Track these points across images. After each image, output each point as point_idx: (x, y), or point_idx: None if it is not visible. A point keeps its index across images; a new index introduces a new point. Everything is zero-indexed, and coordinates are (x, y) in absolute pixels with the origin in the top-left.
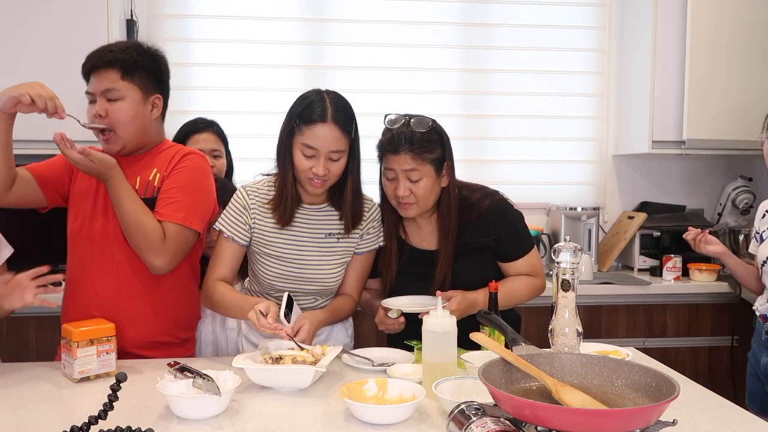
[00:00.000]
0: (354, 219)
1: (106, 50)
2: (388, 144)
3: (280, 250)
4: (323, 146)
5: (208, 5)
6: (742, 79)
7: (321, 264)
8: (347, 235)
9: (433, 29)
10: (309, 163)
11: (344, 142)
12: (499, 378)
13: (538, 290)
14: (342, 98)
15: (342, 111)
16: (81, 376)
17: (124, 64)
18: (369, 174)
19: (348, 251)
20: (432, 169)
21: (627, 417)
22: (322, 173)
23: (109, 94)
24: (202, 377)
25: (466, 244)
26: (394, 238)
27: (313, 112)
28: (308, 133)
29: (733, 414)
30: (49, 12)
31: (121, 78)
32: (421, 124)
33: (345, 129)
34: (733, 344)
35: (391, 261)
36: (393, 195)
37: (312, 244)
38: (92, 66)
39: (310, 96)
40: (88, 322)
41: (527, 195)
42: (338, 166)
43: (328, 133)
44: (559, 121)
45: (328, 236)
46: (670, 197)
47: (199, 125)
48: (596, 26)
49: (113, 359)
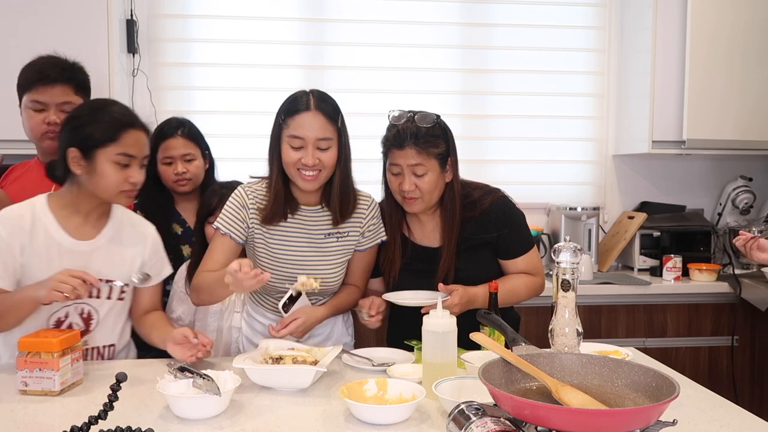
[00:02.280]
0: (342, 211)
1: None
2: (394, 139)
3: (279, 251)
4: (309, 134)
5: (208, 5)
6: (742, 79)
7: (321, 264)
8: (346, 234)
9: (433, 29)
10: (297, 154)
11: (331, 130)
12: (499, 378)
13: (537, 289)
14: (326, 94)
15: (326, 101)
16: (62, 387)
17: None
18: (371, 174)
19: (348, 250)
20: (437, 163)
21: (627, 417)
22: (312, 162)
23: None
24: (202, 377)
25: (468, 240)
26: (398, 235)
27: (297, 104)
28: (293, 124)
29: (733, 414)
30: (49, 12)
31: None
32: (425, 120)
33: (330, 116)
34: (733, 344)
35: (395, 258)
36: (398, 190)
37: (311, 245)
38: None
39: (295, 94)
40: (46, 332)
41: (527, 195)
42: (329, 156)
43: (313, 120)
44: (559, 121)
45: (327, 237)
46: (670, 197)
47: (165, 132)
48: (596, 26)
49: (81, 366)
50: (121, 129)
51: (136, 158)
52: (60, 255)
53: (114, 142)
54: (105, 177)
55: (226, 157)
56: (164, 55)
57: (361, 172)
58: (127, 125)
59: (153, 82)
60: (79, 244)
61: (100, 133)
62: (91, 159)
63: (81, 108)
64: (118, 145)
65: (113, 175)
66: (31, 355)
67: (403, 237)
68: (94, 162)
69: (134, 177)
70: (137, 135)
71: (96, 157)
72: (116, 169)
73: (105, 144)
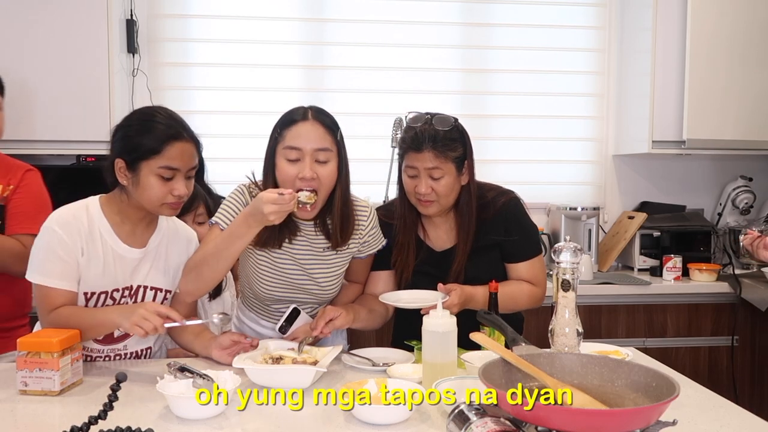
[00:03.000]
0: (342, 232)
1: None
2: (411, 142)
3: (278, 264)
4: (307, 144)
5: (208, 5)
6: (742, 79)
7: (322, 275)
8: (346, 246)
9: (433, 29)
10: (294, 169)
11: (329, 141)
12: (499, 378)
13: (537, 300)
14: (324, 110)
15: (324, 114)
16: (62, 387)
17: None
18: (371, 174)
19: (347, 260)
20: (453, 167)
21: (627, 417)
22: (309, 175)
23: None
24: (202, 377)
25: (478, 241)
26: (413, 237)
27: (293, 115)
28: (289, 135)
29: (733, 414)
30: (49, 12)
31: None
32: (443, 123)
33: (329, 127)
34: (733, 344)
35: (409, 258)
36: (413, 192)
37: (311, 258)
38: None
39: (292, 109)
40: (46, 332)
41: (527, 195)
42: (328, 170)
43: (310, 130)
44: (559, 121)
45: (326, 249)
46: (670, 197)
47: None
48: (596, 26)
49: (81, 366)
50: (165, 141)
51: (180, 171)
52: (114, 261)
53: (158, 154)
54: (148, 189)
55: (226, 157)
56: (164, 55)
57: (361, 172)
58: (171, 137)
59: (153, 82)
60: (132, 252)
61: (145, 145)
62: (136, 171)
63: (130, 117)
64: (161, 158)
65: (156, 187)
66: (31, 355)
67: (418, 239)
68: (138, 174)
69: (178, 189)
70: (182, 147)
71: (140, 169)
72: (160, 181)
73: (148, 157)
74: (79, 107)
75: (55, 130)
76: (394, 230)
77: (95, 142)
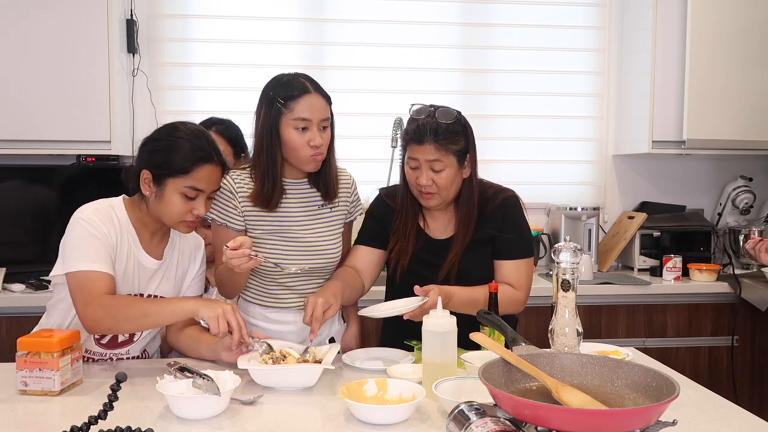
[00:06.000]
0: (333, 187)
1: None
2: (413, 134)
3: (278, 227)
4: (315, 115)
5: (208, 5)
6: (742, 79)
7: (322, 233)
8: (336, 203)
9: (433, 29)
10: (305, 137)
11: (328, 111)
12: (499, 378)
13: (516, 304)
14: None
15: (318, 84)
16: (62, 387)
17: None
18: (371, 174)
19: (341, 220)
20: (455, 160)
21: (627, 417)
22: (320, 142)
23: None
24: (202, 377)
25: (475, 233)
26: (414, 226)
27: (295, 88)
28: (298, 107)
29: (733, 414)
30: (49, 12)
31: None
32: (446, 116)
33: (327, 99)
34: (733, 344)
35: (408, 248)
36: (415, 184)
37: (308, 217)
38: None
39: (283, 77)
40: (46, 332)
41: (527, 195)
42: (327, 136)
43: (316, 101)
44: (559, 121)
45: (321, 207)
46: (670, 197)
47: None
48: (596, 26)
49: (81, 366)
50: (195, 163)
51: (204, 192)
52: (135, 267)
53: (186, 174)
54: (171, 205)
55: None
56: (164, 55)
57: (361, 172)
58: (202, 159)
59: (153, 82)
60: (150, 261)
61: (175, 163)
62: (162, 185)
63: (161, 131)
64: (189, 178)
65: (179, 205)
66: (30, 354)
67: (418, 228)
68: (163, 189)
69: (198, 209)
70: (211, 170)
71: (166, 185)
72: (183, 199)
73: (177, 175)
74: (79, 107)
75: (55, 130)
76: (395, 216)
77: (95, 142)
